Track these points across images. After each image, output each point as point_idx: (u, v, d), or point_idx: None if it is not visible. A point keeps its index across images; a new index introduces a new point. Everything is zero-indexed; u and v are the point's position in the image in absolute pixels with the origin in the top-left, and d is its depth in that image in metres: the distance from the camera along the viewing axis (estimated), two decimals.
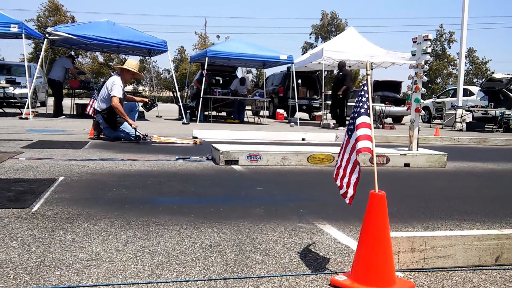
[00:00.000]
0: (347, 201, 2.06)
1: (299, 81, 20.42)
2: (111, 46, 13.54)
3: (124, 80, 7.44)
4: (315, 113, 20.79)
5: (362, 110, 2.00)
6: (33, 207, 2.89)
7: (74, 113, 14.38)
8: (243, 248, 2.27)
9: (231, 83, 17.17)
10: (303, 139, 9.14)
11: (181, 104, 14.80)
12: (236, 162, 5.19)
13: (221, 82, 18.46)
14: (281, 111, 19.60)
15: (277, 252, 2.23)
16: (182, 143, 7.33)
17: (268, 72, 23.03)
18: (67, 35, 11.60)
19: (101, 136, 7.44)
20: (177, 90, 14.40)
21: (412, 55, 6.09)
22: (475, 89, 21.54)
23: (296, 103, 15.63)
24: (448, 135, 11.45)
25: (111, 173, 4.27)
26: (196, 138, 8.33)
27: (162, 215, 2.82)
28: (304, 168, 5.22)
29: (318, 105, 20.26)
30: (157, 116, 16.40)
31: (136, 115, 7.83)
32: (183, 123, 12.90)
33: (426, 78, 5.81)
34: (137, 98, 7.96)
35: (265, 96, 17.82)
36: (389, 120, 20.17)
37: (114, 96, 7.05)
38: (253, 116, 18.00)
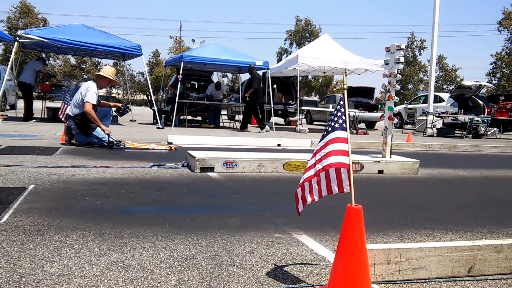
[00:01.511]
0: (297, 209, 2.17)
1: (275, 86, 20.52)
2: (84, 50, 13.28)
3: (99, 87, 7.33)
4: (291, 118, 20.93)
5: (337, 125, 2.01)
6: (1, 218, 2.79)
7: (45, 116, 14.07)
8: (219, 260, 2.25)
9: (206, 88, 17.11)
10: (278, 145, 9.17)
11: (155, 108, 14.66)
12: (212, 169, 5.16)
13: (196, 86, 18.36)
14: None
15: (254, 265, 2.22)
16: (157, 148, 7.24)
17: (244, 77, 23.06)
18: (38, 38, 11.34)
19: (73, 141, 7.28)
20: (151, 94, 14.25)
21: (385, 64, 6.19)
22: (445, 95, 22.09)
23: (272, 108, 15.68)
24: (420, 141, 11.68)
25: (84, 181, 4.17)
26: (171, 143, 8.24)
27: (137, 226, 2.77)
28: (280, 175, 5.23)
29: (293, 110, 20.41)
30: (131, 120, 16.17)
31: (110, 121, 7.69)
32: (157, 128, 12.77)
33: (399, 87, 5.92)
34: (110, 103, 7.82)
35: (240, 101, 17.81)
36: (362, 125, 20.46)
37: (88, 102, 6.92)
38: (229, 121, 17.97)
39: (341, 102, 2.01)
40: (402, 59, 5.95)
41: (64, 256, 2.18)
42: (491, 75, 65.88)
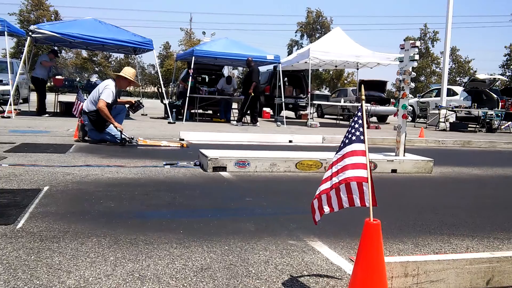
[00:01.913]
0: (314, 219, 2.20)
1: (285, 79, 20.42)
2: (96, 44, 13.33)
3: (119, 87, 7.37)
4: (301, 112, 20.84)
5: (354, 137, 1.98)
6: (17, 223, 2.82)
7: (58, 110, 14.19)
8: (234, 271, 2.24)
9: (217, 82, 17.08)
10: (290, 141, 9.14)
11: (166, 102, 14.68)
12: (224, 168, 5.16)
13: (207, 80, 18.35)
14: (267, 109, 19.61)
15: (269, 276, 2.21)
16: (169, 146, 7.25)
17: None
18: (50, 33, 11.39)
19: (86, 138, 7.33)
20: (162, 88, 14.26)
21: (400, 61, 6.11)
22: (458, 89, 21.82)
23: (283, 102, 15.62)
24: (433, 137, 11.58)
25: (97, 182, 4.19)
26: (183, 140, 8.26)
27: (151, 232, 2.78)
28: (292, 175, 5.21)
29: (304, 104, 20.32)
30: (142, 115, 16.23)
31: (123, 118, 7.72)
32: (169, 123, 12.79)
33: (413, 85, 5.88)
34: (123, 100, 7.84)
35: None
36: (374, 119, 20.31)
37: (102, 99, 6.95)
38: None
39: (359, 114, 1.98)
40: (416, 57, 5.87)
41: (80, 266, 2.19)
42: (505, 67, 64.94)
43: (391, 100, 21.28)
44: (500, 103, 20.85)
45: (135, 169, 5.02)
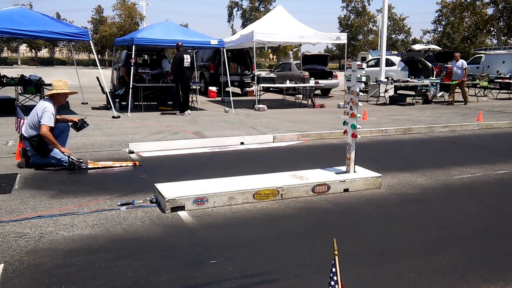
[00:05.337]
0: None
1: (229, 54, 20.16)
2: (28, 38, 12.44)
3: (57, 104, 7.01)
4: (247, 89, 20.82)
5: None
6: None
7: None
8: None
9: (159, 63, 16.58)
10: (242, 143, 9.18)
11: (107, 91, 14.13)
12: (182, 208, 5.14)
13: (149, 62, 17.75)
14: (213, 88, 19.43)
15: None
16: (121, 166, 7.07)
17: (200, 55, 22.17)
18: None
19: (30, 161, 6.97)
20: (102, 78, 13.61)
21: (347, 80, 6.23)
22: (396, 59, 22.61)
23: (229, 80, 15.47)
24: (374, 116, 12.06)
25: (53, 249, 4.04)
26: (133, 152, 8.08)
27: None
28: (250, 208, 5.28)
29: (249, 80, 20.29)
30: (82, 103, 15.57)
31: (67, 137, 7.38)
32: (113, 117, 12.33)
33: (361, 104, 6.04)
34: (66, 118, 7.47)
35: (195, 71, 17.35)
36: (317, 92, 20.63)
37: (44, 124, 6.59)
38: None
39: (333, 269, 2.06)
40: (363, 79, 6.00)
41: None
42: (437, 22, 67.50)
43: (333, 73, 21.71)
44: (434, 71, 21.91)
45: (90, 217, 4.89)
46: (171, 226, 4.73)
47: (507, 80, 22.06)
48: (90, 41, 12.75)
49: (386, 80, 18.77)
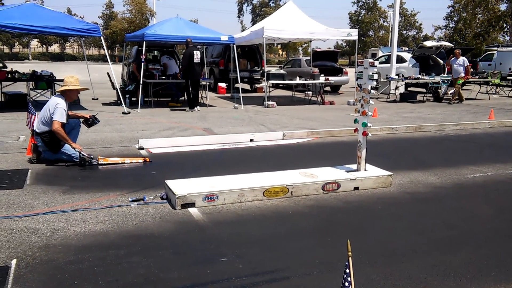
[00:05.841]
0: None
1: (239, 50, 20.14)
2: (40, 34, 12.54)
3: (69, 100, 7.05)
4: (257, 85, 20.80)
5: None
6: None
7: (2, 100, 13.60)
8: None
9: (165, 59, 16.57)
10: (251, 140, 9.17)
11: (117, 87, 14.20)
12: (193, 204, 5.16)
13: (159, 58, 17.77)
14: (222, 84, 19.41)
15: None
16: (131, 162, 7.11)
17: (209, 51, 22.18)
18: None
19: (41, 157, 7.03)
20: (113, 75, 13.68)
21: (358, 77, 6.19)
22: (407, 56, 22.40)
23: (238, 77, 15.46)
24: (385, 113, 11.99)
25: (65, 245, 4.08)
26: (142, 148, 8.12)
27: None
28: (260, 206, 5.29)
29: (259, 77, 20.28)
30: (93, 99, 15.66)
31: (78, 133, 7.43)
32: (123, 113, 12.39)
33: (372, 102, 6.02)
34: (78, 114, 7.52)
35: (205, 67, 17.34)
36: (327, 88, 20.53)
37: (56, 120, 6.65)
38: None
39: (347, 271, 2.06)
40: (375, 76, 5.96)
41: None
42: (449, 18, 66.76)
43: (343, 69, 21.58)
44: (446, 68, 21.66)
45: (101, 213, 4.93)
46: (181, 223, 4.75)
47: None
48: (101, 37, 12.80)
49: (396, 77, 18.62)
